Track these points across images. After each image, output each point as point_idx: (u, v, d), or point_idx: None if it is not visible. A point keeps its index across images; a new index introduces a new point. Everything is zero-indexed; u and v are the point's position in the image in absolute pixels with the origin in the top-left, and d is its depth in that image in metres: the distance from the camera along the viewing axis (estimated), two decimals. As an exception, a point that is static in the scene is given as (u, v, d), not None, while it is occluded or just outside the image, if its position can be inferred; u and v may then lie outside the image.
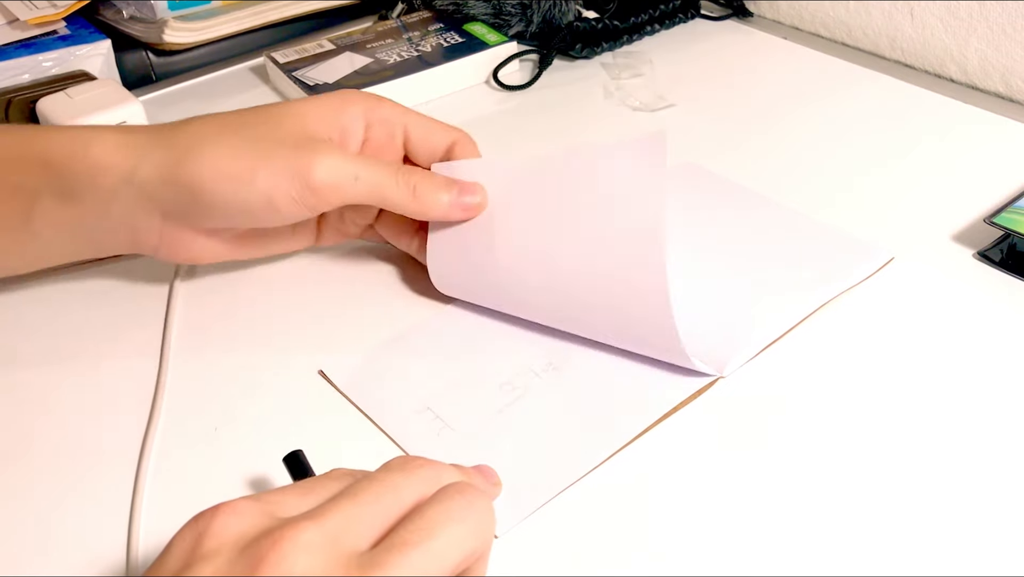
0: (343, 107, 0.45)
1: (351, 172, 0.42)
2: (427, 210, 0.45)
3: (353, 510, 0.28)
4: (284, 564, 0.26)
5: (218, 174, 0.41)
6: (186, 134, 0.42)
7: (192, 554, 0.27)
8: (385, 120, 0.46)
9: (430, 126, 0.47)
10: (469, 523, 0.29)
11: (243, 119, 0.43)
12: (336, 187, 0.42)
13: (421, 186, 0.44)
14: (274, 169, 0.41)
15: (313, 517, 0.27)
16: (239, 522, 0.27)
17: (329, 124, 0.43)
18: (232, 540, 0.27)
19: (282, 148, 0.41)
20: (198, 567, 0.26)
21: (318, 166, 0.41)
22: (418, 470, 0.30)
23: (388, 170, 0.43)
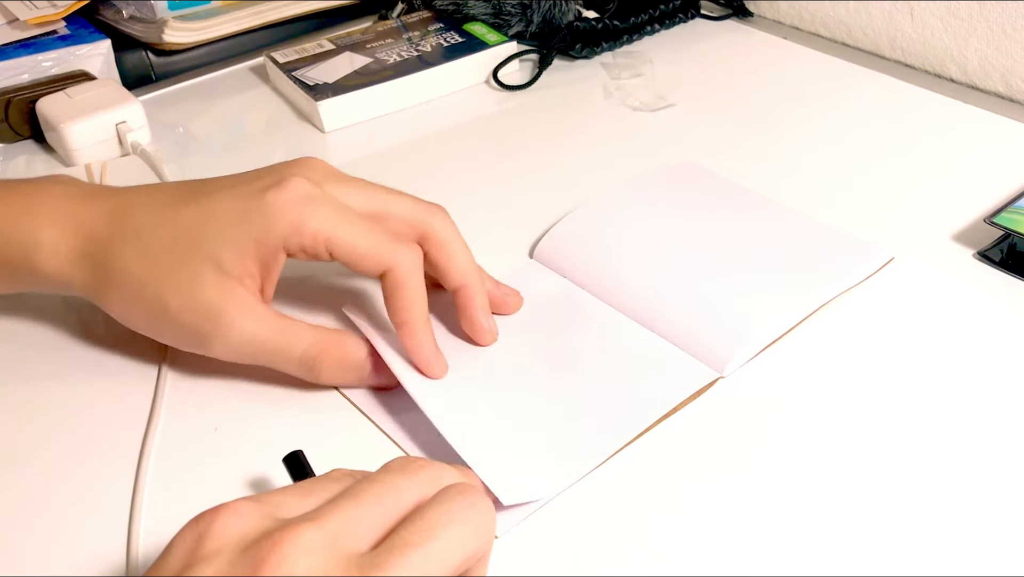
0: (260, 244, 0.41)
1: (249, 354, 0.42)
2: (321, 383, 0.44)
3: (354, 511, 0.28)
4: (285, 565, 0.26)
5: (133, 320, 0.44)
6: (111, 266, 0.42)
7: (193, 555, 0.27)
8: (306, 248, 0.41)
9: (359, 257, 0.41)
10: (470, 524, 0.29)
11: (162, 257, 0.42)
12: (236, 356, 0.43)
13: (325, 373, 0.43)
14: (176, 333, 0.43)
15: (314, 518, 0.27)
16: (240, 523, 0.27)
17: (246, 265, 0.41)
18: (233, 541, 0.27)
19: (189, 310, 0.41)
20: (199, 568, 0.26)
21: (216, 342, 0.42)
22: (419, 471, 0.30)
23: (288, 356, 0.42)
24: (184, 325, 0.42)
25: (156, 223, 0.42)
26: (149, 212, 0.43)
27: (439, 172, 0.61)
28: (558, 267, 0.51)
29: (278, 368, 0.43)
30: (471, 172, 0.61)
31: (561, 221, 0.53)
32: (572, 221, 0.53)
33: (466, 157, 0.63)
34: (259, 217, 0.41)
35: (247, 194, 0.41)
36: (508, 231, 0.54)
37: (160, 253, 0.42)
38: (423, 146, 0.64)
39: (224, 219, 0.41)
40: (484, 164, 0.61)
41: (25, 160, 0.65)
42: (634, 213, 0.53)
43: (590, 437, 0.41)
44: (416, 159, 0.63)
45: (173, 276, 0.41)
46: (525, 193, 0.58)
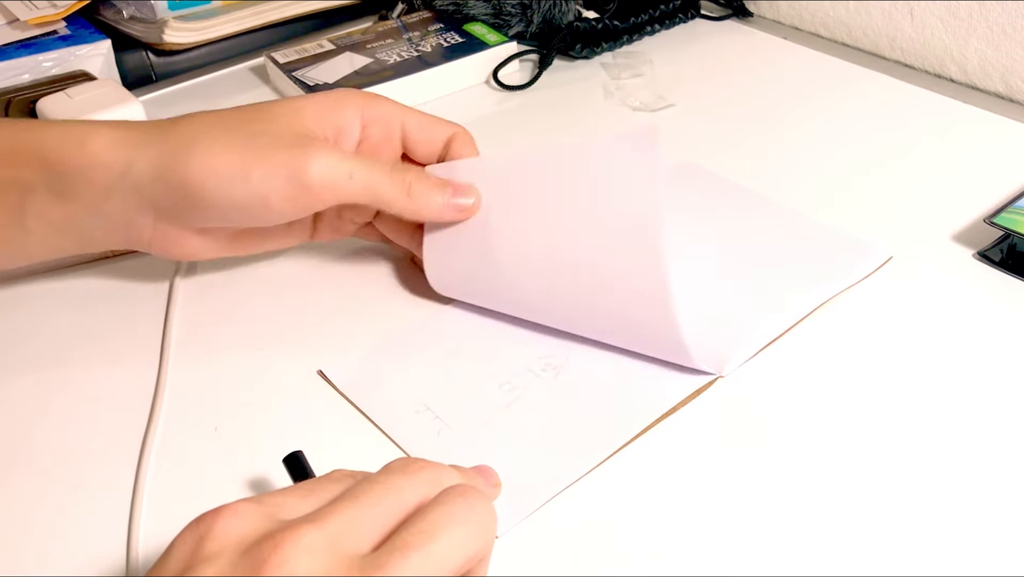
0: (339, 105, 0.45)
1: (345, 171, 0.41)
2: (421, 210, 0.45)
3: (354, 512, 0.28)
4: (286, 566, 0.26)
5: (211, 172, 0.41)
6: (181, 131, 0.42)
7: (193, 556, 0.27)
8: (381, 118, 0.46)
9: (427, 123, 0.47)
10: (470, 525, 0.29)
11: (239, 116, 0.43)
12: (330, 186, 0.41)
13: (416, 186, 0.44)
14: (268, 168, 0.41)
15: (314, 519, 0.27)
16: (240, 524, 0.27)
17: (325, 122, 0.43)
18: (233, 542, 0.27)
19: (276, 146, 0.41)
20: (199, 569, 0.26)
21: (312, 165, 0.41)
22: (419, 472, 0.30)
23: (383, 169, 0.43)
24: (277, 157, 0.41)
25: (227, 110, 0.44)
26: (211, 114, 0.43)
27: (439, 172, 0.61)
28: None
29: (372, 185, 0.43)
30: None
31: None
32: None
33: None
34: (335, 92, 0.45)
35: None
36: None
37: (238, 114, 0.43)
38: (423, 146, 0.64)
39: (300, 98, 0.44)
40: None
41: (25, 160, 0.65)
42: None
43: (590, 437, 0.41)
44: (416, 159, 0.63)
45: (258, 125, 0.42)
46: (525, 193, 0.58)
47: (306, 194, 0.41)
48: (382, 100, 0.46)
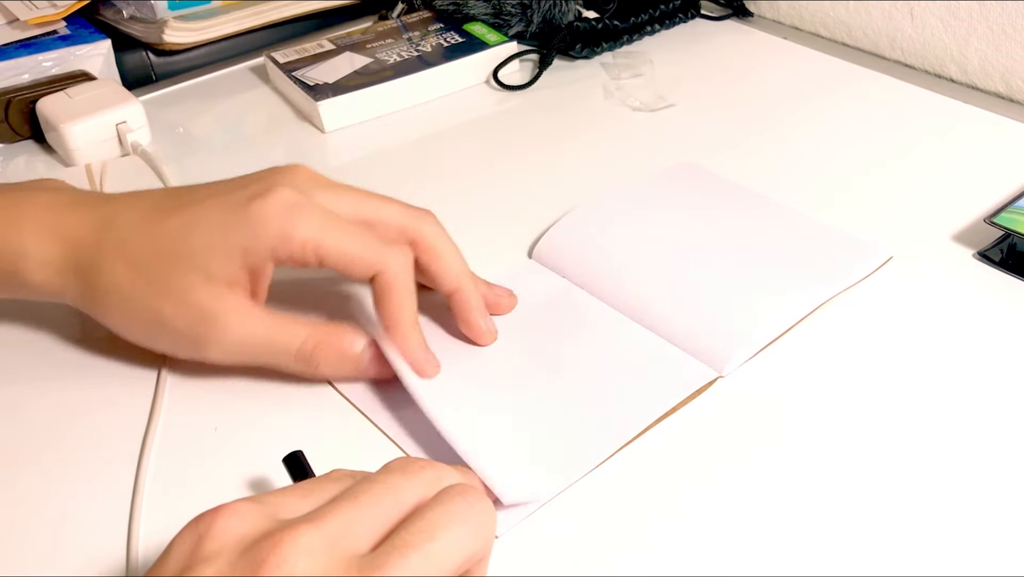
0: (248, 253, 0.41)
1: (246, 354, 0.42)
2: (332, 377, 0.44)
3: (353, 512, 0.28)
4: (285, 566, 0.26)
5: (127, 331, 0.44)
6: (99, 278, 0.42)
7: (192, 556, 0.27)
8: (294, 256, 0.41)
9: (348, 261, 0.41)
10: (470, 525, 0.29)
11: (150, 267, 0.42)
12: (230, 361, 0.43)
13: (323, 366, 0.43)
14: (172, 340, 0.43)
15: (313, 519, 0.27)
16: (240, 524, 0.27)
17: (234, 273, 0.41)
18: (233, 542, 0.27)
19: (181, 315, 0.41)
20: (198, 569, 0.26)
21: (210, 348, 0.42)
22: (419, 472, 0.30)
23: (287, 352, 0.42)
24: (178, 332, 0.42)
25: (141, 233, 0.42)
26: (134, 222, 0.43)
27: (439, 172, 0.61)
28: (557, 267, 0.51)
29: (276, 366, 0.43)
30: (471, 172, 0.61)
31: (560, 221, 0.53)
32: (571, 221, 0.53)
33: (466, 157, 0.63)
34: (245, 228, 0.41)
35: (232, 204, 0.41)
36: (507, 231, 0.54)
37: (147, 263, 0.42)
38: (423, 146, 0.64)
39: (209, 229, 0.41)
40: (484, 164, 0.61)
41: (25, 160, 0.65)
42: (633, 213, 0.53)
43: (589, 437, 0.41)
44: (416, 159, 0.63)
45: (163, 285, 0.41)
46: (525, 193, 0.58)
47: (208, 359, 0.43)
48: (297, 235, 0.40)
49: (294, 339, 0.42)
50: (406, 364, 0.42)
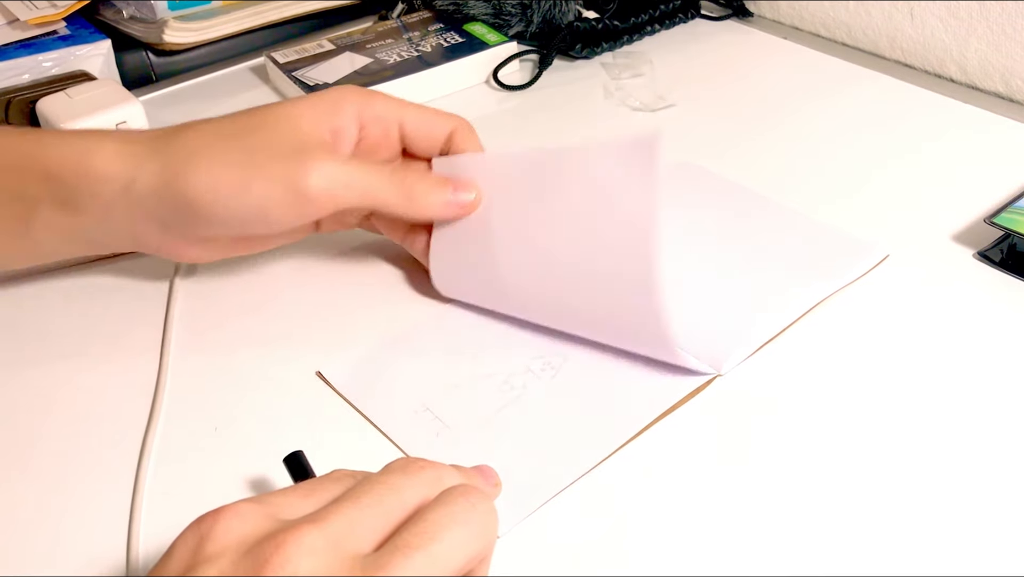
0: (335, 108, 0.44)
1: (344, 179, 0.42)
2: (423, 211, 0.45)
3: (355, 513, 0.28)
4: (288, 567, 0.26)
5: (213, 186, 0.41)
6: (180, 144, 0.42)
7: (195, 556, 0.27)
8: (379, 117, 0.46)
9: (427, 118, 0.47)
10: (472, 526, 0.29)
11: (238, 125, 0.43)
12: (330, 195, 0.42)
13: (416, 187, 0.44)
14: (267, 179, 0.41)
15: (315, 520, 0.27)
16: (242, 525, 0.27)
17: (322, 126, 0.43)
18: (235, 543, 0.27)
19: (275, 158, 0.41)
20: (201, 569, 0.26)
21: (310, 176, 0.41)
22: (420, 472, 0.31)
23: (381, 175, 0.43)
24: (276, 171, 0.41)
25: (221, 121, 0.44)
26: (210, 121, 0.44)
27: (439, 172, 0.61)
28: None
29: (373, 192, 0.43)
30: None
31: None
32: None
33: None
34: (330, 92, 0.45)
35: (306, 96, 0.45)
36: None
37: (237, 123, 0.43)
38: (423, 146, 0.64)
39: (296, 100, 0.44)
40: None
41: (25, 160, 0.65)
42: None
43: (589, 436, 0.41)
44: (416, 159, 0.63)
45: (257, 135, 0.42)
46: (525, 193, 0.58)
47: (306, 204, 0.42)
48: (379, 97, 0.46)
49: (385, 165, 0.44)
50: None
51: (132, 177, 0.42)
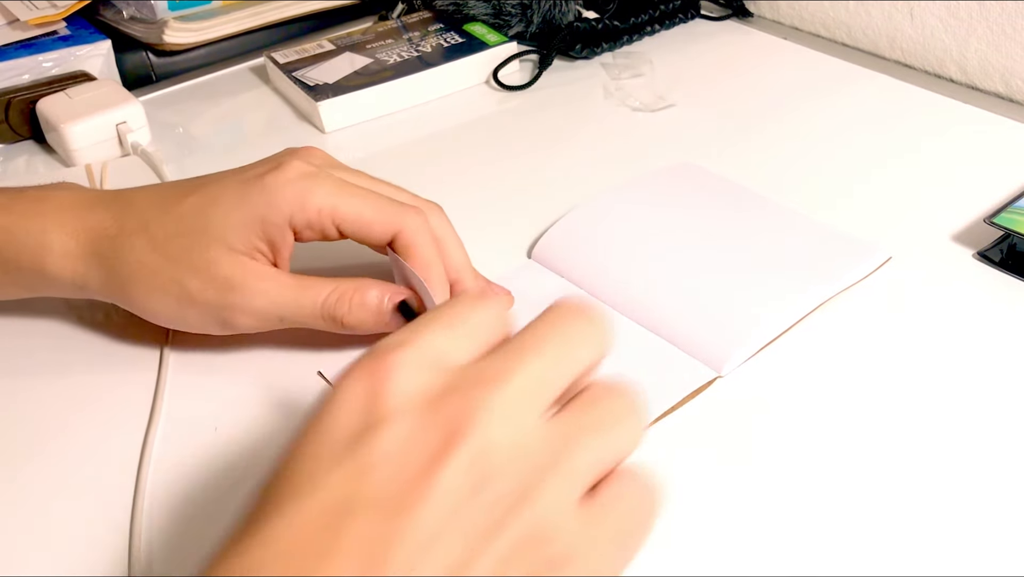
0: (265, 224, 0.42)
1: (275, 316, 0.43)
2: (348, 331, 0.44)
3: (540, 368, 0.26)
4: (478, 434, 0.24)
5: (153, 310, 0.44)
6: (121, 260, 0.43)
7: (367, 416, 0.25)
8: (312, 224, 0.42)
9: (363, 224, 0.42)
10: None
11: (170, 231, 0.42)
12: (256, 325, 0.43)
13: (336, 311, 0.43)
14: (199, 313, 0.43)
15: (500, 378, 0.25)
16: (418, 378, 0.25)
17: (254, 243, 0.42)
18: (413, 401, 0.25)
19: (206, 287, 0.42)
20: (379, 432, 0.24)
21: (238, 317, 0.43)
22: (582, 329, 0.28)
23: (312, 309, 0.43)
24: (206, 304, 0.42)
25: (162, 214, 0.43)
26: (153, 205, 0.44)
27: (439, 172, 0.61)
28: (556, 267, 0.51)
29: (303, 323, 0.43)
30: (471, 172, 0.61)
31: (559, 222, 0.53)
32: (570, 222, 0.53)
33: (466, 157, 0.63)
34: (260, 196, 0.42)
35: (248, 178, 0.43)
36: (507, 231, 0.54)
37: (169, 240, 0.42)
38: (423, 146, 0.64)
39: (227, 202, 0.42)
40: (484, 164, 0.61)
41: (25, 160, 0.65)
42: (631, 213, 0.53)
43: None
44: (416, 159, 0.63)
45: (187, 260, 0.42)
46: (525, 193, 0.58)
47: (235, 330, 0.44)
48: (313, 202, 0.42)
49: (319, 295, 0.43)
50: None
51: (83, 284, 0.44)
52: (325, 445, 0.25)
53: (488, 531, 0.24)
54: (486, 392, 0.25)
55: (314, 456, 0.25)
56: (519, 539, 0.24)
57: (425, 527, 0.24)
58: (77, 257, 0.43)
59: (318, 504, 0.24)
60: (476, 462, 0.24)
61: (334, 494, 0.24)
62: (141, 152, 0.63)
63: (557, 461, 0.25)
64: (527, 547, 0.25)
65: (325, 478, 0.24)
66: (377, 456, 0.24)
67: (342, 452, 0.25)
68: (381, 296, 0.43)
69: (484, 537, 0.24)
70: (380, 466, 0.24)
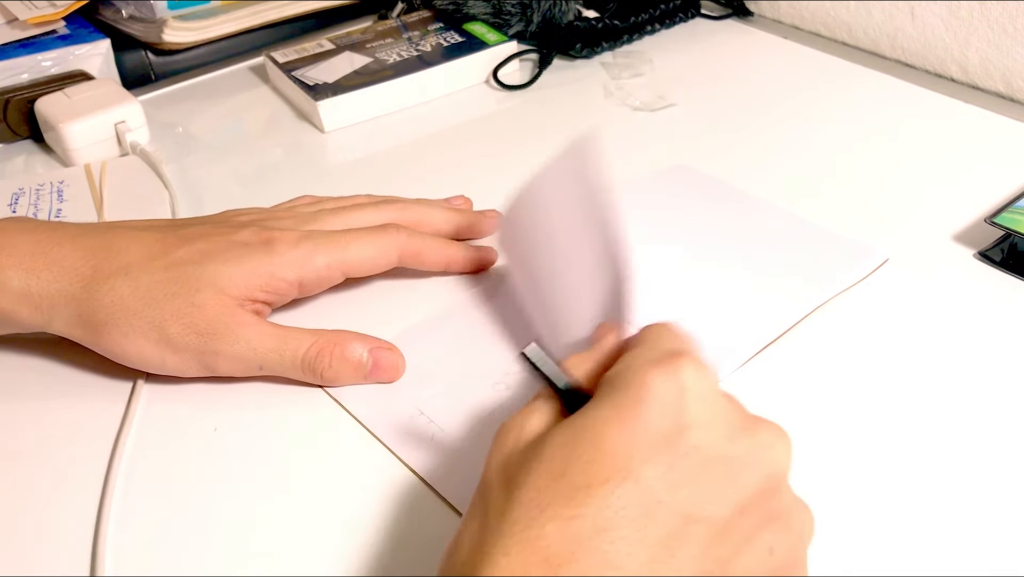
0: (274, 277, 0.43)
1: (255, 364, 0.43)
2: (330, 385, 0.44)
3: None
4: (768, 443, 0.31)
5: (127, 351, 0.42)
6: (98, 302, 0.41)
7: (681, 412, 0.29)
8: (323, 279, 0.45)
9: (371, 263, 0.46)
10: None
11: (157, 288, 0.42)
12: (240, 372, 0.43)
13: (327, 373, 0.43)
14: (182, 358, 0.42)
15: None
16: (710, 380, 0.30)
17: (252, 294, 0.43)
18: (714, 406, 0.30)
19: (188, 335, 0.41)
20: (692, 431, 0.29)
21: (221, 361, 0.42)
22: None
23: (292, 361, 0.43)
24: (186, 348, 0.42)
25: (147, 259, 0.42)
26: (136, 250, 0.43)
27: (439, 172, 0.61)
28: None
29: (283, 373, 0.43)
30: (470, 172, 0.61)
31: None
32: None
33: (466, 157, 0.62)
34: (267, 259, 0.43)
35: (248, 243, 0.44)
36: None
37: (154, 285, 0.42)
38: (423, 146, 0.64)
39: (224, 258, 0.43)
40: (484, 164, 0.61)
41: (24, 160, 0.65)
42: (628, 216, 0.53)
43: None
44: (416, 159, 0.63)
45: (171, 304, 0.41)
46: (524, 193, 0.58)
47: (216, 374, 0.43)
48: (320, 261, 0.45)
49: (300, 347, 0.43)
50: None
51: (44, 323, 0.43)
52: (640, 437, 0.29)
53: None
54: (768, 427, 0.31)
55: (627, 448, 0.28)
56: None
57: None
58: (38, 296, 0.42)
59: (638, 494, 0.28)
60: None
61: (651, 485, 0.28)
62: (140, 152, 0.63)
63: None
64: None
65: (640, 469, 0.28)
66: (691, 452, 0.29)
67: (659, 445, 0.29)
68: (362, 350, 0.43)
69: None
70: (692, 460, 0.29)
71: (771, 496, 0.30)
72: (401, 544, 0.36)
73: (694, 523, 0.28)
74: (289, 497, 0.39)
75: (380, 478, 0.39)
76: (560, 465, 0.28)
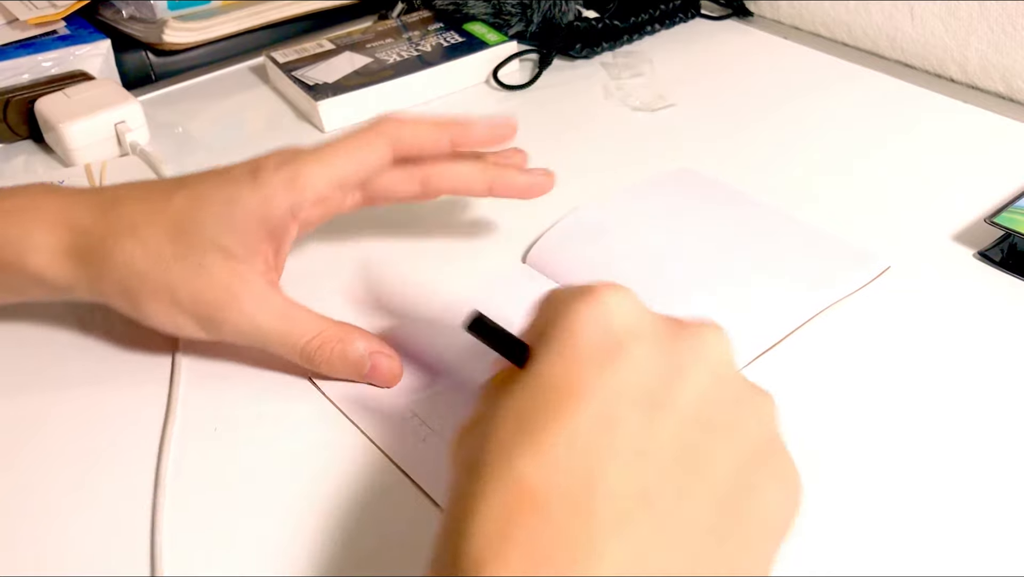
0: (266, 219, 0.42)
1: (258, 341, 0.43)
2: (323, 374, 0.44)
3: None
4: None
5: (145, 314, 0.43)
6: (113, 263, 0.42)
7: (613, 332, 0.30)
8: (320, 195, 0.43)
9: (368, 167, 0.45)
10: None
11: (164, 249, 0.42)
12: (244, 340, 0.43)
13: (315, 357, 0.43)
14: (194, 319, 0.42)
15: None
16: (631, 297, 0.32)
17: (254, 246, 0.42)
18: (639, 317, 0.31)
19: (200, 299, 0.42)
20: (629, 345, 0.30)
21: (225, 328, 0.42)
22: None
23: (292, 348, 0.43)
24: (194, 315, 0.42)
25: (150, 213, 0.42)
26: (140, 204, 0.43)
27: (438, 172, 0.61)
28: (550, 272, 0.50)
29: (282, 355, 0.43)
30: (470, 172, 0.61)
31: (554, 227, 0.53)
32: (565, 227, 0.53)
33: (465, 157, 0.62)
34: (255, 193, 0.42)
35: (233, 178, 0.42)
36: (504, 234, 0.54)
37: (161, 245, 0.42)
38: (422, 146, 0.64)
39: (216, 200, 0.42)
40: (483, 164, 0.61)
41: (24, 160, 0.65)
42: (628, 220, 0.53)
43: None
44: (415, 159, 0.63)
45: (178, 266, 0.41)
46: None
47: (225, 341, 0.43)
48: (311, 179, 0.42)
49: (303, 334, 0.43)
50: None
51: (69, 285, 0.43)
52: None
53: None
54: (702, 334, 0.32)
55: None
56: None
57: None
58: (62, 256, 0.42)
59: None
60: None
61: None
62: (140, 152, 0.63)
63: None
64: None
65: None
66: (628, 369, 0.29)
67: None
68: (364, 350, 0.43)
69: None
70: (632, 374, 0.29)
71: (724, 384, 0.31)
72: (397, 546, 0.37)
73: (659, 409, 0.29)
74: (285, 496, 0.39)
75: (372, 481, 0.39)
76: (514, 423, 0.29)
